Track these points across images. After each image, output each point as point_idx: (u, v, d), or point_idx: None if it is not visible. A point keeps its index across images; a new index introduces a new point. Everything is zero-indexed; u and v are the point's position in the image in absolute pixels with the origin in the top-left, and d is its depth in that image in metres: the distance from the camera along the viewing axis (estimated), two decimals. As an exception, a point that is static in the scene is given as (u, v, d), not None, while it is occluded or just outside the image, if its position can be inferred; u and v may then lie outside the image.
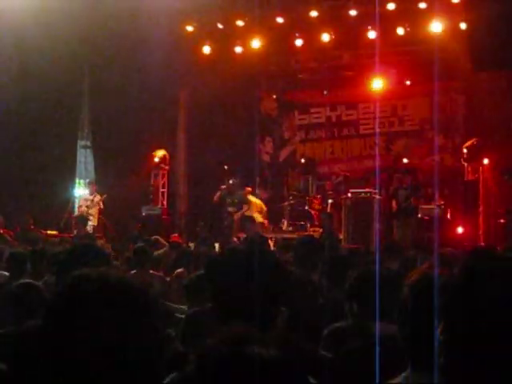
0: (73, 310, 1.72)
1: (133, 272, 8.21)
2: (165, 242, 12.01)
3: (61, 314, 1.74)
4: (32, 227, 16.14)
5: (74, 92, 18.73)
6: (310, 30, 18.52)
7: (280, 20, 18.40)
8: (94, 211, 18.06)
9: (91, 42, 17.17)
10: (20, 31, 15.61)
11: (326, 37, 18.39)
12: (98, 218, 18.14)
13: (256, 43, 18.81)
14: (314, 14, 18.02)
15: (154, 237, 12.26)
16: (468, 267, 1.92)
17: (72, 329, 1.69)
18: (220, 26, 18.82)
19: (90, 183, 18.94)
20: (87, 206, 18.03)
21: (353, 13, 17.73)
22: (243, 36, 18.96)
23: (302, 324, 5.22)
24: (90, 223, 17.66)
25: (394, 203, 16.19)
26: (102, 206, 18.11)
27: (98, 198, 18.07)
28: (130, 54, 17.12)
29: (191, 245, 14.09)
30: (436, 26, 17.05)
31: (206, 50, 19.23)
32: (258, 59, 19.12)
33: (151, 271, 8.76)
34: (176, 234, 17.03)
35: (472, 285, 1.83)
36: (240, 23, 18.64)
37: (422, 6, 17.11)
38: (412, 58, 17.94)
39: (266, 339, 1.77)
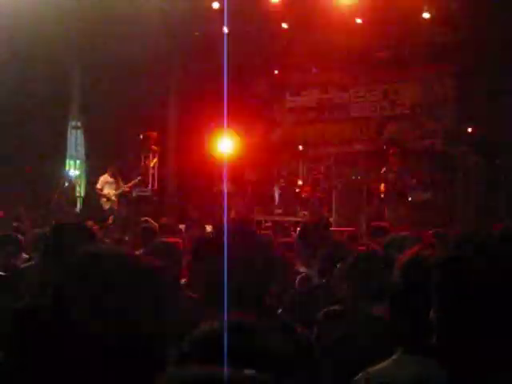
0: (84, 286, 1.72)
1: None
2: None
3: (73, 290, 1.73)
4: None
5: (64, 73, 18.65)
6: (300, 13, 18.45)
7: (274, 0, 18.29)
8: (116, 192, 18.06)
9: (81, 24, 17.09)
10: (10, 11, 15.50)
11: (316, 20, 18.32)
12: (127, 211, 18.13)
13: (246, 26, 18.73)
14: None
15: (144, 218, 12.24)
16: (456, 248, 1.93)
17: (85, 303, 1.69)
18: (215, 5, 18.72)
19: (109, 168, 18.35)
20: (115, 195, 18.01)
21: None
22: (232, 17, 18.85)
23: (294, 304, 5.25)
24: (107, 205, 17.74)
25: (382, 186, 16.16)
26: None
27: (121, 184, 18.15)
28: (120, 35, 17.02)
29: (182, 226, 14.07)
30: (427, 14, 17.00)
31: (197, 30, 19.17)
32: (250, 40, 19.06)
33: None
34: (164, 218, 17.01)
35: (460, 265, 1.85)
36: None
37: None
38: (403, 42, 17.89)
39: (264, 328, 1.78)
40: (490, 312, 1.77)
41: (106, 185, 17.91)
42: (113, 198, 17.70)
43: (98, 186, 18.07)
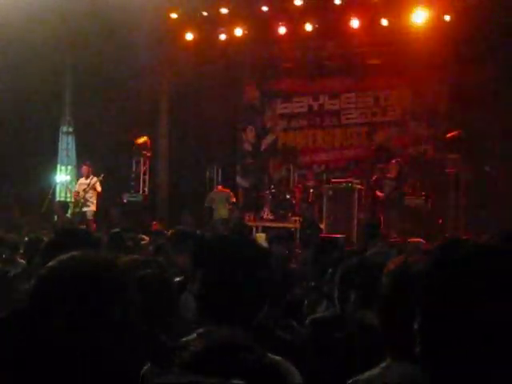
0: (51, 294, 1.73)
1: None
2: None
3: (42, 298, 1.75)
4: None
5: (56, 78, 18.62)
6: (293, 19, 18.50)
7: (264, 8, 18.37)
8: (91, 195, 17.32)
9: (73, 28, 17.09)
10: (2, 18, 15.47)
11: (309, 26, 18.41)
12: (97, 203, 17.49)
13: (239, 31, 18.82)
14: (298, 2, 17.98)
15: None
16: (442, 255, 1.94)
17: (52, 312, 1.70)
18: (204, 13, 18.77)
19: (84, 165, 17.82)
20: (84, 190, 17.26)
21: (337, 1, 17.70)
22: (227, 24, 18.92)
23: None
24: (89, 209, 17.34)
25: (378, 193, 16.16)
26: (99, 189, 17.32)
27: (94, 179, 17.27)
28: (112, 41, 17.02)
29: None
30: (419, 17, 17.10)
31: (189, 37, 19.23)
32: (242, 47, 19.12)
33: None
34: (155, 222, 16.93)
35: (445, 272, 1.86)
36: (224, 11, 18.60)
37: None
38: (395, 49, 17.92)
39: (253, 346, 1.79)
40: (476, 319, 1.78)
41: (80, 186, 17.62)
42: (82, 200, 17.35)
43: (76, 188, 17.92)
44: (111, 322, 1.72)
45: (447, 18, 16.88)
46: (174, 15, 18.78)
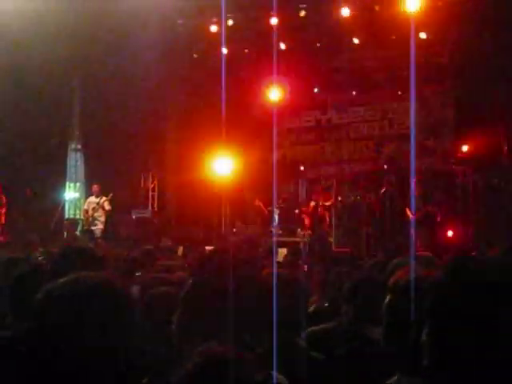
0: (55, 314, 1.74)
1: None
2: None
3: (44, 318, 1.76)
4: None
5: (65, 95, 18.69)
6: (300, 33, 18.52)
7: (274, 21, 18.35)
8: (100, 214, 17.75)
9: (83, 46, 17.14)
10: (12, 36, 15.55)
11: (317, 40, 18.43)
12: (106, 221, 17.83)
13: (245, 47, 18.84)
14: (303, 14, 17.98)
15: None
16: (454, 269, 1.93)
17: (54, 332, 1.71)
18: (213, 28, 18.78)
19: (94, 184, 18.23)
20: (93, 209, 17.73)
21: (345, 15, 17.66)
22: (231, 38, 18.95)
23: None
24: (97, 227, 17.50)
25: (408, 212, 16.06)
26: (108, 208, 17.68)
27: (103, 199, 17.68)
28: (121, 58, 17.10)
29: (180, 248, 14.03)
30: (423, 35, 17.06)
31: (197, 53, 19.29)
32: (249, 63, 19.14)
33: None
34: (164, 238, 16.97)
35: (457, 286, 1.85)
36: (230, 22, 18.59)
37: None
38: (402, 62, 17.91)
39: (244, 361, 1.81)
40: (486, 332, 1.77)
41: (90, 204, 17.91)
42: (90, 218, 17.62)
43: (85, 206, 18.15)
44: (103, 340, 1.73)
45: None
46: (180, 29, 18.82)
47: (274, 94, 18.53)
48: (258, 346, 2.65)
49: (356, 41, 17.92)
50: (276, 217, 17.93)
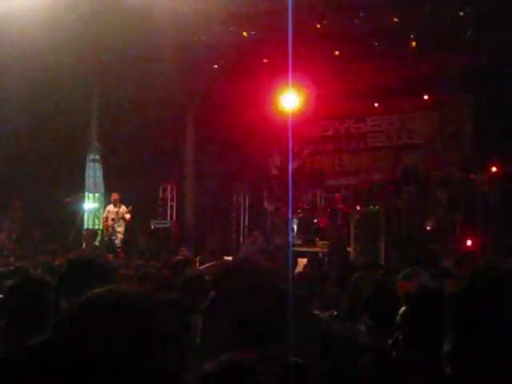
0: (81, 329, 1.74)
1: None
2: None
3: (69, 333, 1.75)
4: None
5: (83, 106, 18.78)
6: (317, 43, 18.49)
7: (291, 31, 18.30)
8: (120, 223, 17.87)
9: (100, 56, 17.25)
10: (29, 48, 15.63)
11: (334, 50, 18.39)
12: (125, 231, 17.97)
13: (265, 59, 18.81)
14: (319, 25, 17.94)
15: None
16: (476, 280, 1.93)
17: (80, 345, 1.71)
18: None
19: (114, 193, 18.34)
20: (113, 220, 17.86)
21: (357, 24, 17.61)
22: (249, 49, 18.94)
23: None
24: (116, 237, 17.65)
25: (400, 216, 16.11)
26: (128, 217, 17.82)
27: (123, 209, 17.84)
28: (139, 69, 17.18)
29: (197, 259, 14.04)
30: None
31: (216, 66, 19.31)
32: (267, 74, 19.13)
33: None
34: (182, 248, 16.97)
35: (481, 297, 1.85)
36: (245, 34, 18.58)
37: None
38: (421, 71, 17.87)
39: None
40: (509, 343, 1.77)
41: (110, 214, 17.99)
42: (110, 229, 17.72)
43: (104, 215, 18.24)
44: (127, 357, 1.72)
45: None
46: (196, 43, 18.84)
47: (291, 102, 18.44)
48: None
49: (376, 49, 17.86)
50: (295, 227, 17.90)
